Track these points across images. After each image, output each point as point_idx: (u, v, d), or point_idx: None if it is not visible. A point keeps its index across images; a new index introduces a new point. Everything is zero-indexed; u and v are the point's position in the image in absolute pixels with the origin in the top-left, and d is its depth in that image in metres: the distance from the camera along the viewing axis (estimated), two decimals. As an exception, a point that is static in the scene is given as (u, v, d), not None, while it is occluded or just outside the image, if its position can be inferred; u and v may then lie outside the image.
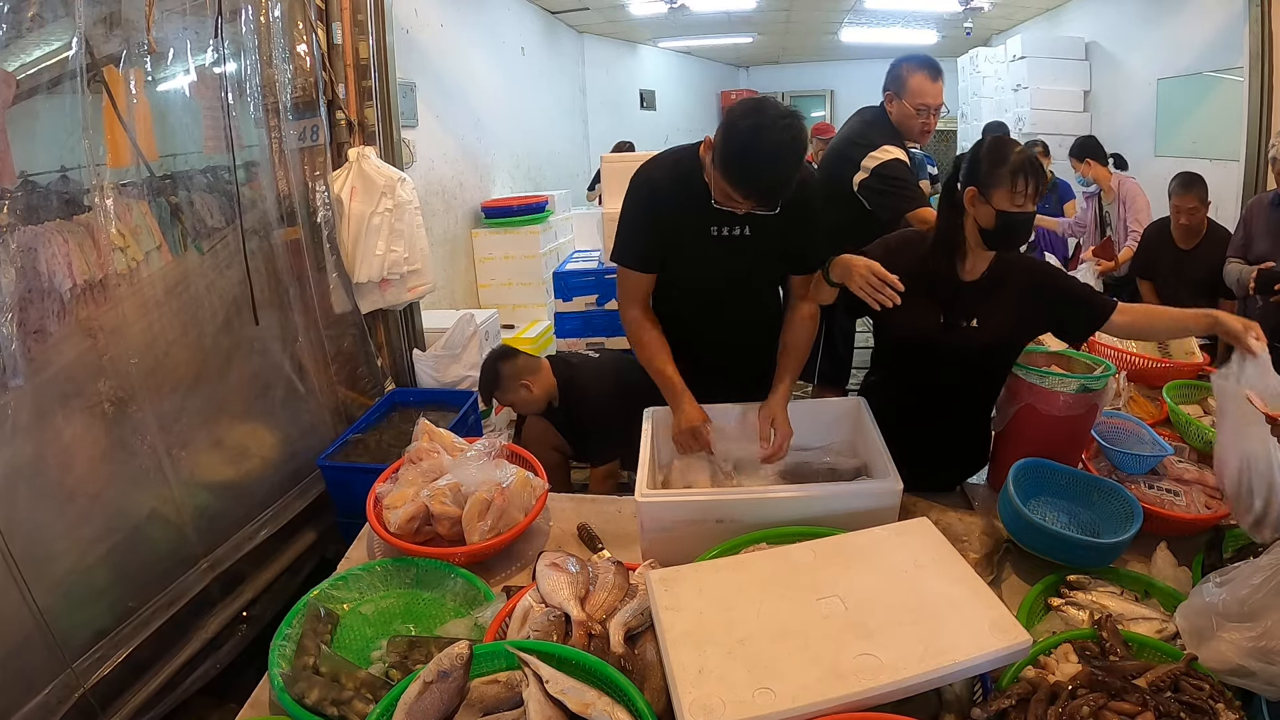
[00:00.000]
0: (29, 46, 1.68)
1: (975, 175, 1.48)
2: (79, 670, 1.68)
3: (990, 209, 1.46)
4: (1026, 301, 1.57)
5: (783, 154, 1.39)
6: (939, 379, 1.63)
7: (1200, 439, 1.71)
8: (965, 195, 1.50)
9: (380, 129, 2.92)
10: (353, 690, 1.11)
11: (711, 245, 1.62)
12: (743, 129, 1.38)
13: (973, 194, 1.48)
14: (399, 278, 2.95)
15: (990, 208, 1.46)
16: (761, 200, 1.45)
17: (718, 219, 1.59)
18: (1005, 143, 1.48)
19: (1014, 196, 1.44)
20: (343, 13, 2.76)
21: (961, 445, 1.76)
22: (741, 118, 1.39)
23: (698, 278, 1.69)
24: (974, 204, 1.49)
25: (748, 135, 1.38)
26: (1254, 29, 3.02)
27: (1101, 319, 1.55)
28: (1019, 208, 1.44)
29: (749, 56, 10.13)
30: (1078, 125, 5.81)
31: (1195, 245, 3.08)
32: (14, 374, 1.57)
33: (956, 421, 1.71)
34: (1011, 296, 1.57)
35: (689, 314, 1.75)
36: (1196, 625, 1.10)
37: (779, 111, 1.39)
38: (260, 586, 2.27)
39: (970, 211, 1.51)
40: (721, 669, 0.97)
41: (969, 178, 1.49)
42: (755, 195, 1.44)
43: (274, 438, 2.46)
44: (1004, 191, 1.44)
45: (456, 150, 4.45)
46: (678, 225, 1.61)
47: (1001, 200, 1.45)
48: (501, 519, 1.48)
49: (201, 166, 2.21)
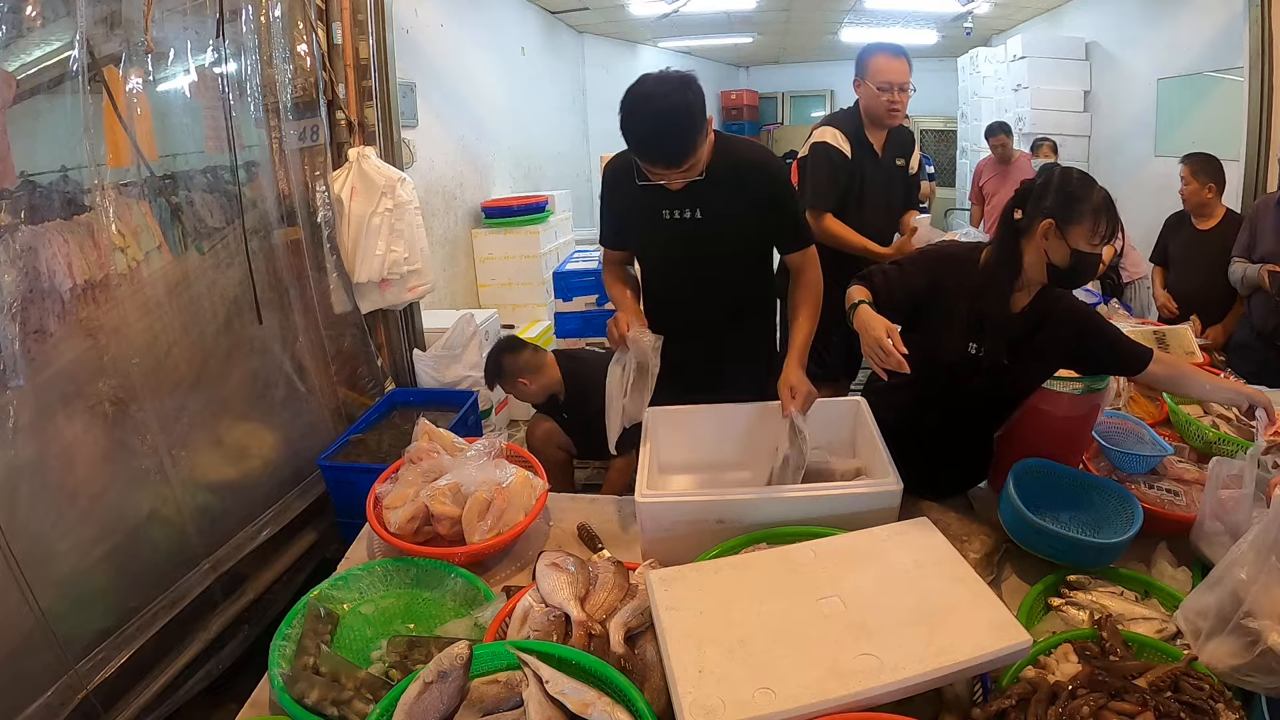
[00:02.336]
0: (29, 46, 1.68)
1: (1055, 208, 1.39)
2: (81, 671, 1.68)
3: (1065, 246, 1.39)
4: (1067, 346, 1.52)
5: (668, 116, 1.47)
6: (954, 401, 1.58)
7: (1200, 439, 1.71)
8: (1040, 227, 1.41)
9: (380, 129, 2.92)
10: (353, 690, 1.11)
11: (666, 228, 1.71)
12: (629, 104, 1.49)
13: (1049, 226, 1.40)
14: (399, 278, 2.95)
15: (1065, 245, 1.38)
16: (662, 161, 1.52)
17: (668, 203, 1.68)
18: (1089, 179, 1.41)
19: (1093, 237, 1.37)
20: (343, 13, 2.76)
21: (965, 458, 1.72)
22: (629, 93, 1.50)
23: (661, 260, 1.81)
24: (1047, 237, 1.41)
25: (632, 105, 1.48)
26: (1254, 29, 3.01)
27: (1138, 368, 1.51)
28: (1094, 248, 1.38)
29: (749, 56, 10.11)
30: (1078, 125, 5.81)
31: (1209, 227, 3.07)
32: (15, 374, 1.57)
33: (963, 437, 1.67)
34: (1052, 339, 1.51)
35: (666, 297, 1.84)
36: (1196, 625, 1.10)
37: (662, 80, 1.49)
38: (262, 587, 2.27)
39: (1041, 244, 1.42)
40: (721, 669, 0.97)
41: (1047, 210, 1.40)
42: (651, 158, 1.53)
43: (274, 438, 2.46)
44: (1084, 229, 1.37)
45: (456, 150, 4.44)
46: (634, 209, 1.72)
47: (1079, 238, 1.37)
48: (501, 519, 1.48)
49: (202, 166, 2.21)
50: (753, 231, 1.73)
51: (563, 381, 2.57)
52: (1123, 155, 5.35)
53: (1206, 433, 1.69)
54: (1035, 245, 1.43)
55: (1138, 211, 4.45)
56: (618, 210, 1.78)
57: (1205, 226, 3.08)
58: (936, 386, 1.56)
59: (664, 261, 1.81)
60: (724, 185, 1.65)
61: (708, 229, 1.70)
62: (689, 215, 1.69)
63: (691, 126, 1.50)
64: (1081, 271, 1.42)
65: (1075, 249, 1.38)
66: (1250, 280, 2.65)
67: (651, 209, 1.70)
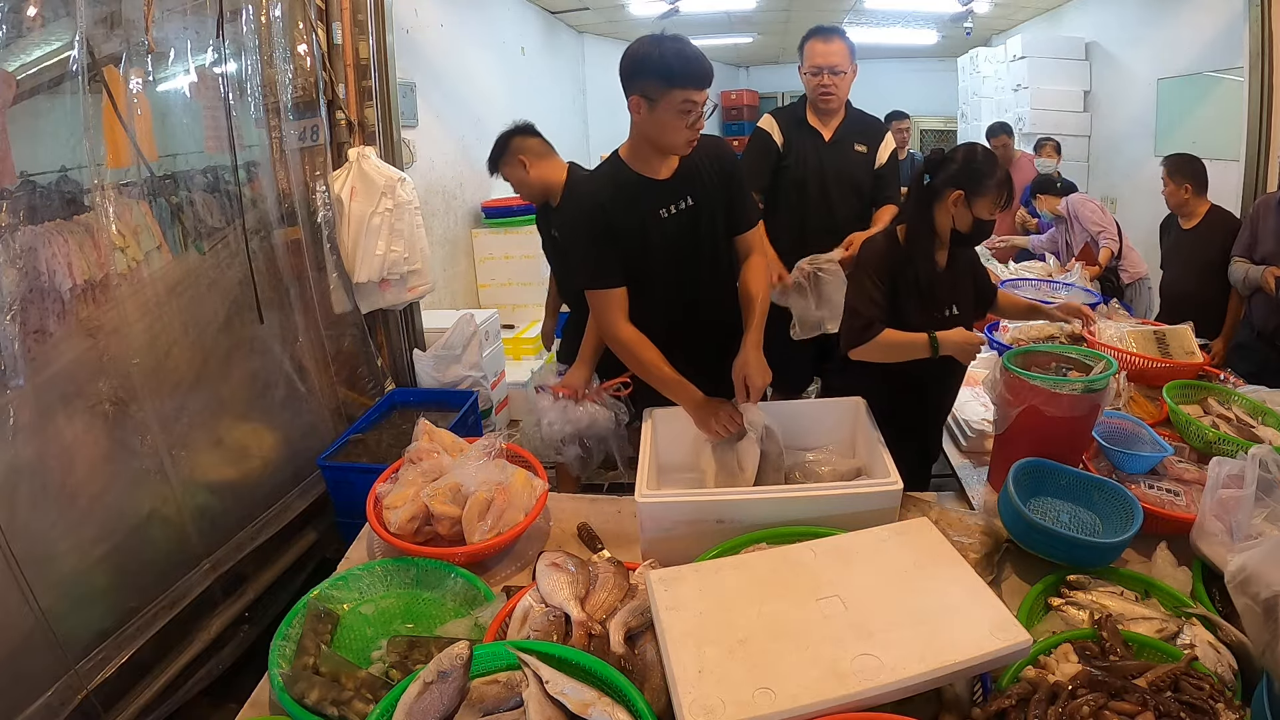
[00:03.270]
0: (29, 46, 1.68)
1: (964, 181, 1.62)
2: (82, 671, 1.68)
3: (970, 215, 1.63)
4: (972, 285, 1.83)
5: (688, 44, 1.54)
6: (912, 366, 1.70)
7: (1200, 439, 1.71)
8: (950, 196, 1.63)
9: (380, 129, 2.92)
10: (353, 690, 1.11)
11: (666, 225, 1.68)
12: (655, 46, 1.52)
13: (958, 197, 1.62)
14: (399, 278, 2.95)
15: (970, 214, 1.63)
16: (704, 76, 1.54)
17: (663, 200, 1.67)
18: (992, 156, 1.66)
19: (994, 208, 1.63)
20: (343, 13, 2.76)
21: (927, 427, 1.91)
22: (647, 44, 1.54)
23: (663, 262, 1.72)
24: (956, 206, 1.64)
25: (661, 45, 1.52)
26: (1254, 29, 3.01)
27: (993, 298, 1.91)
28: (991, 216, 1.65)
29: (749, 56, 10.11)
30: (1078, 125, 5.81)
31: (1192, 226, 3.09)
32: (15, 374, 1.57)
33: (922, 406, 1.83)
34: (967, 282, 1.80)
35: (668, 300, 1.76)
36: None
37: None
38: (262, 587, 2.27)
39: (949, 210, 1.65)
40: (721, 669, 0.97)
41: (955, 183, 1.63)
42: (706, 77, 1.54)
43: (274, 438, 2.46)
44: (988, 201, 1.62)
45: (456, 150, 4.44)
46: (631, 224, 1.66)
47: (983, 209, 1.62)
48: (501, 519, 1.48)
49: (202, 166, 2.21)
50: (728, 212, 1.75)
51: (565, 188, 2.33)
52: (1122, 155, 5.35)
53: (1206, 433, 1.69)
54: (945, 211, 1.67)
55: (1138, 211, 4.46)
56: (615, 237, 1.64)
57: (1188, 225, 3.09)
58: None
59: (671, 265, 1.73)
60: (701, 168, 1.68)
61: (704, 215, 1.71)
62: (685, 205, 1.69)
63: None
64: (978, 235, 1.69)
65: (978, 217, 1.64)
66: (1252, 281, 2.64)
67: (650, 213, 1.67)
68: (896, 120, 5.02)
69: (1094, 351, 1.76)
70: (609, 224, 1.64)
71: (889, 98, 5.68)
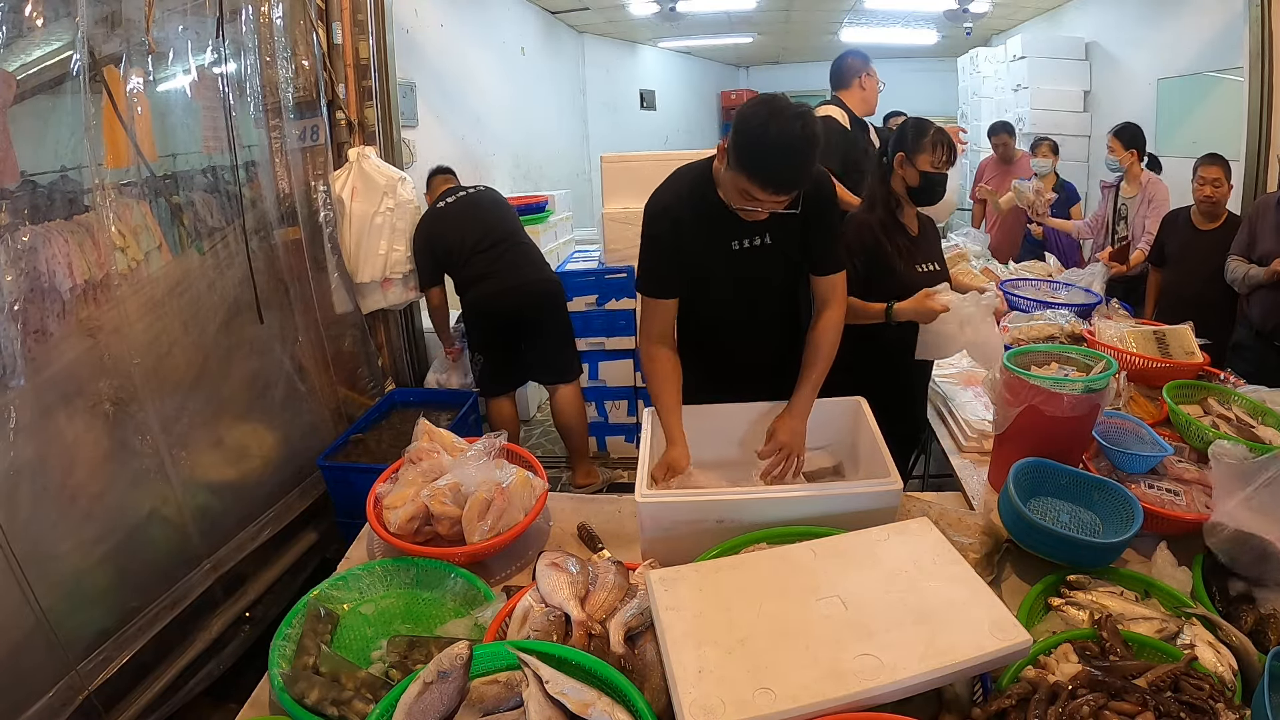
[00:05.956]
0: (30, 46, 1.69)
1: (903, 144, 1.88)
2: (83, 672, 1.68)
3: (915, 170, 1.88)
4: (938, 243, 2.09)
5: (795, 144, 1.40)
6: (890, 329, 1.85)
7: (1200, 439, 1.71)
8: (895, 160, 1.90)
9: (380, 129, 2.93)
10: (353, 690, 1.11)
11: (735, 259, 1.63)
12: (755, 123, 1.40)
13: (901, 158, 1.89)
14: (401, 277, 2.96)
15: (915, 169, 1.87)
16: (779, 189, 1.44)
17: (739, 233, 1.60)
18: (925, 120, 1.92)
19: (935, 161, 1.86)
20: (343, 13, 2.77)
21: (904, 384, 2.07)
22: (753, 113, 1.41)
23: (723, 293, 1.68)
24: (902, 166, 1.89)
25: (760, 128, 1.39)
26: (1254, 29, 3.01)
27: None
28: (936, 169, 1.86)
29: (749, 56, 10.12)
30: (1078, 125, 5.81)
31: (1213, 228, 3.02)
32: (15, 374, 1.57)
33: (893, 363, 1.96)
34: (932, 240, 2.06)
35: (717, 322, 1.74)
36: None
37: (789, 105, 1.41)
38: (262, 587, 2.27)
39: (900, 174, 1.90)
40: (721, 669, 0.97)
41: (897, 147, 1.90)
42: (773, 185, 1.43)
43: (274, 438, 2.46)
44: (926, 156, 1.86)
45: (456, 150, 4.44)
46: (701, 248, 1.61)
47: (924, 163, 1.86)
48: (501, 519, 1.48)
49: (202, 166, 2.22)
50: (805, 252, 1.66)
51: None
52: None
53: (1206, 433, 1.69)
54: (897, 177, 1.92)
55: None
56: (680, 255, 1.60)
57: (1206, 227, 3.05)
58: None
59: (723, 294, 1.68)
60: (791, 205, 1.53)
61: (776, 253, 1.63)
62: (759, 242, 1.61)
63: (812, 155, 1.44)
64: (931, 189, 1.90)
65: (923, 171, 1.87)
66: (1252, 279, 2.64)
67: (721, 240, 1.61)
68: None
69: (1094, 351, 1.76)
70: (679, 245, 1.59)
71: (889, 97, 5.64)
